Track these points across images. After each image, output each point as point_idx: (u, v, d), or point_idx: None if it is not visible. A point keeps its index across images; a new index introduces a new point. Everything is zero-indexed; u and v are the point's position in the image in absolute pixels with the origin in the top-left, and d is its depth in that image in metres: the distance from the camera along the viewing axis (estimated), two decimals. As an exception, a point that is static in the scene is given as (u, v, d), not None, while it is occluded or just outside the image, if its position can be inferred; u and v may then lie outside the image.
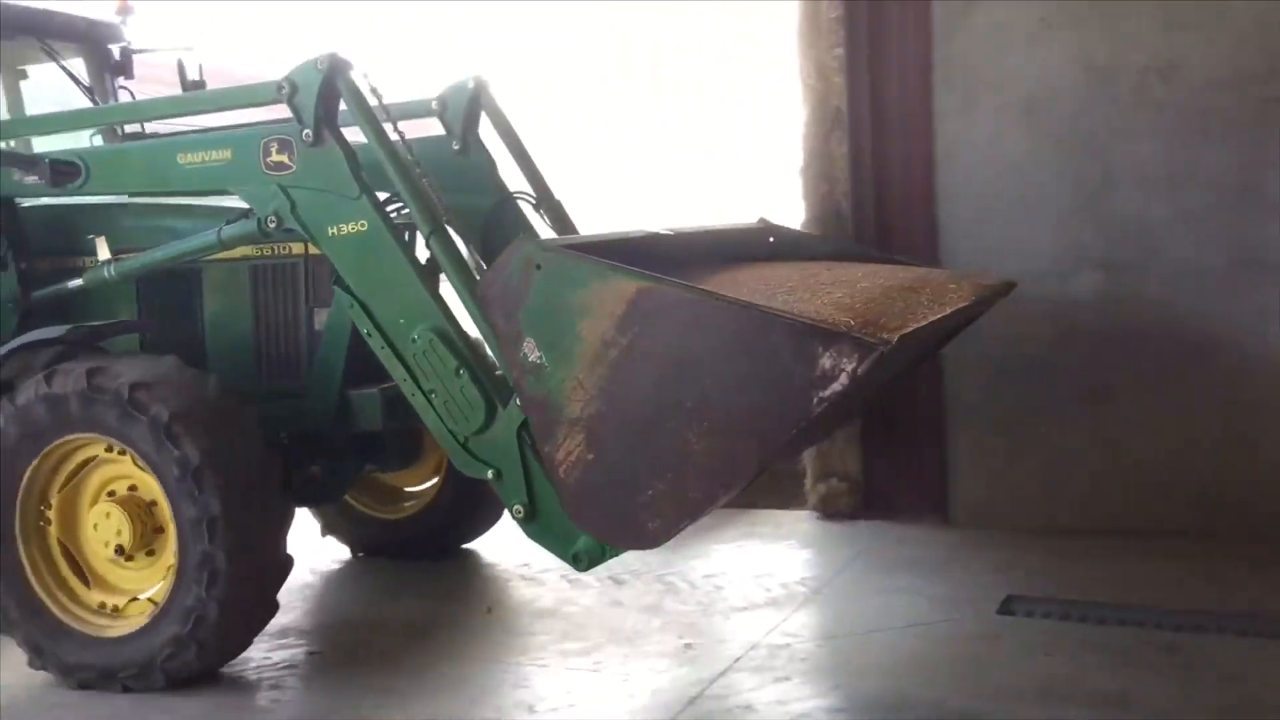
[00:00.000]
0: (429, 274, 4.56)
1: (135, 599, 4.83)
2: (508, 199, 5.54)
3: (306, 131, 4.56)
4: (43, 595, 4.78)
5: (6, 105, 6.27)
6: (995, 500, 6.44)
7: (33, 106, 6.26)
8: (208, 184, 4.93)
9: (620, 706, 4.47)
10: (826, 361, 3.47)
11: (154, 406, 4.44)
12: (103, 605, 4.83)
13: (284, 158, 4.63)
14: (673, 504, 3.76)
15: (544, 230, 5.48)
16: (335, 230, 4.58)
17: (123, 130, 6.08)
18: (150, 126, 6.13)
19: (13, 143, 5.81)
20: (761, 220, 5.56)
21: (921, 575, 5.73)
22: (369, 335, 4.55)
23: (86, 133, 5.89)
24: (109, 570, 4.83)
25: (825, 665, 4.80)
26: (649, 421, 3.72)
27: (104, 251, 5.05)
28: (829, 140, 6.64)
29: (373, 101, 4.66)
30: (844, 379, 3.46)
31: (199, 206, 5.30)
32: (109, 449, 4.72)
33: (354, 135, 4.70)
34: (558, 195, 5.55)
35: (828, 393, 3.47)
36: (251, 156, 4.69)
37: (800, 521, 6.83)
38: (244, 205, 4.90)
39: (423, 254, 4.62)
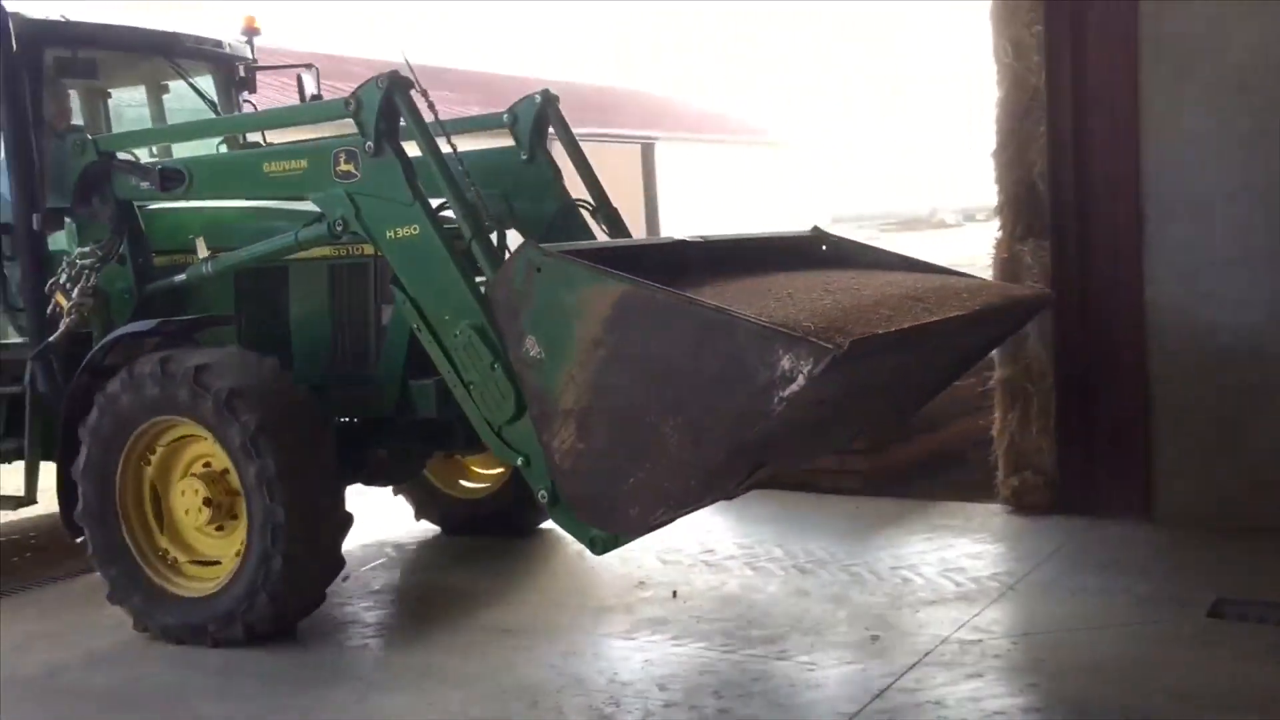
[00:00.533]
0: (474, 275, 4.96)
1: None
2: (570, 206, 5.92)
3: (369, 144, 5.01)
4: (179, 592, 5.32)
5: (150, 116, 7.01)
6: (1203, 499, 6.13)
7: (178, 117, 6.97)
8: (288, 190, 5.46)
9: (806, 696, 4.44)
10: (786, 363, 3.74)
11: (215, 383, 5.01)
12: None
13: (350, 167, 5.10)
14: (650, 493, 4.07)
15: (600, 235, 5.83)
16: (392, 234, 5.01)
17: (244, 139, 6.72)
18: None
19: (154, 150, 6.53)
20: (814, 228, 5.77)
21: (1124, 574, 5.49)
22: (419, 330, 4.96)
23: (214, 142, 6.58)
24: (203, 541, 5.37)
25: (1020, 663, 4.63)
26: (630, 415, 4.04)
27: (203, 250, 5.64)
28: (1026, 120, 6.45)
29: (429, 117, 5.09)
30: (802, 380, 3.72)
31: (285, 210, 5.83)
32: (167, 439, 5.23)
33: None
34: (614, 204, 5.90)
35: (787, 393, 3.74)
36: (324, 166, 5.17)
37: (992, 515, 6.59)
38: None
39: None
